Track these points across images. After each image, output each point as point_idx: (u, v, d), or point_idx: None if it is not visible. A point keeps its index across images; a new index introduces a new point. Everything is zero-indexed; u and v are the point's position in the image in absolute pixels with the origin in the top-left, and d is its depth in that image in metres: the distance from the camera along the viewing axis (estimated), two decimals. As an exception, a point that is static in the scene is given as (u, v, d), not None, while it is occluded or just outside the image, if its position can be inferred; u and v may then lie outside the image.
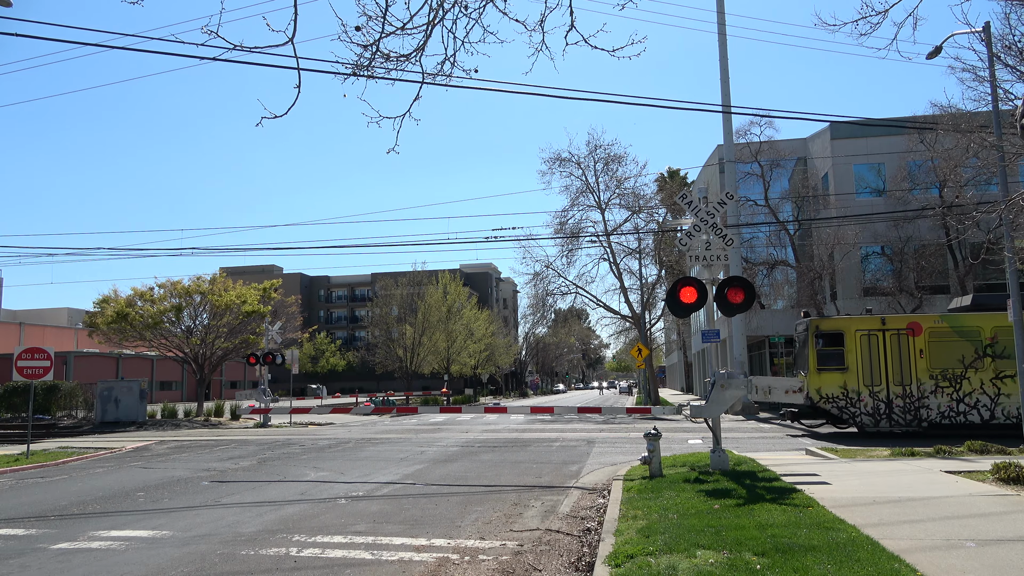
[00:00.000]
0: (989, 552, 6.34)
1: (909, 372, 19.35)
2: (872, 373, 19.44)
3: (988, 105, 16.22)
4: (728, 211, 21.61)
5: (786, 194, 37.28)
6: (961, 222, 23.54)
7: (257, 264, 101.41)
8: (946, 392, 19.15)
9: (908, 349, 19.49)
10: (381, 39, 6.13)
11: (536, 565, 7.03)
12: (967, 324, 19.47)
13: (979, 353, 19.18)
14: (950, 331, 19.48)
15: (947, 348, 19.38)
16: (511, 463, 15.18)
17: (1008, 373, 18.88)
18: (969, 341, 19.30)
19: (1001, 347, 19.09)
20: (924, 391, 19.23)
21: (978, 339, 19.28)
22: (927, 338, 19.48)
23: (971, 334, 19.33)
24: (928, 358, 19.39)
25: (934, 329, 19.56)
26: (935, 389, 19.20)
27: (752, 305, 12.33)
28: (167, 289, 36.44)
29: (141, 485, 12.97)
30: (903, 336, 19.60)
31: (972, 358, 19.20)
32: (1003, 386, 18.94)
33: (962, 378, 19.17)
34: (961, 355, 19.28)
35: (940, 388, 19.19)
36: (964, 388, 19.10)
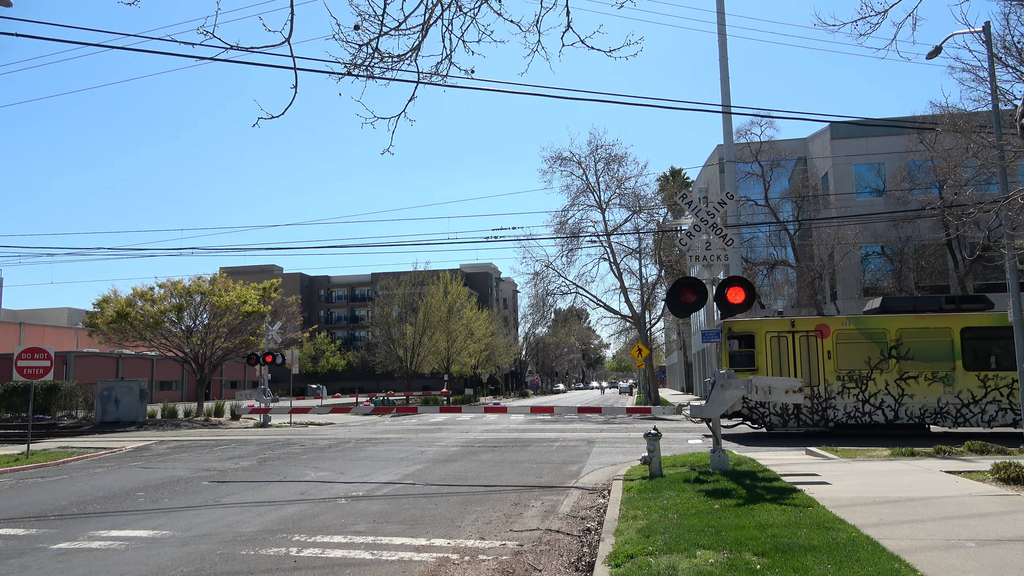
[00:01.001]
0: (989, 552, 6.33)
1: (817, 373, 19.72)
2: (781, 374, 19.82)
3: (988, 105, 16.22)
4: (728, 211, 21.58)
5: (786, 194, 37.29)
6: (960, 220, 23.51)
7: (257, 264, 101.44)
8: (852, 393, 19.51)
9: (816, 351, 19.85)
10: (376, 39, 6.13)
11: (536, 565, 7.03)
12: (873, 326, 19.83)
13: (884, 355, 19.55)
14: (857, 333, 19.82)
15: (854, 350, 19.73)
16: (511, 463, 15.19)
17: (911, 374, 19.35)
18: (875, 343, 19.65)
19: (905, 349, 19.49)
20: (831, 392, 19.57)
21: (883, 341, 19.63)
22: (835, 340, 19.84)
23: (877, 336, 19.68)
24: (835, 359, 19.74)
25: (841, 331, 19.91)
26: (842, 390, 19.54)
27: (752, 305, 12.33)
28: (167, 289, 36.44)
29: (141, 485, 12.97)
30: (812, 338, 19.95)
31: (877, 360, 19.54)
32: (906, 387, 19.35)
33: (868, 379, 19.53)
34: (867, 357, 19.63)
35: (847, 389, 19.54)
36: (869, 389, 19.45)
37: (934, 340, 19.43)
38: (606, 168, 40.05)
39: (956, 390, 19.10)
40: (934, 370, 19.27)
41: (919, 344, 19.49)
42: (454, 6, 6.17)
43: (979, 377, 19.10)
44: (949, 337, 19.36)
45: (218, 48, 5.88)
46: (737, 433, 21.34)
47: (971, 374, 19.14)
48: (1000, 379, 18.96)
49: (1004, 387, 18.90)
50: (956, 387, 19.12)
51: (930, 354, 19.41)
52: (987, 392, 18.98)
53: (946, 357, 19.32)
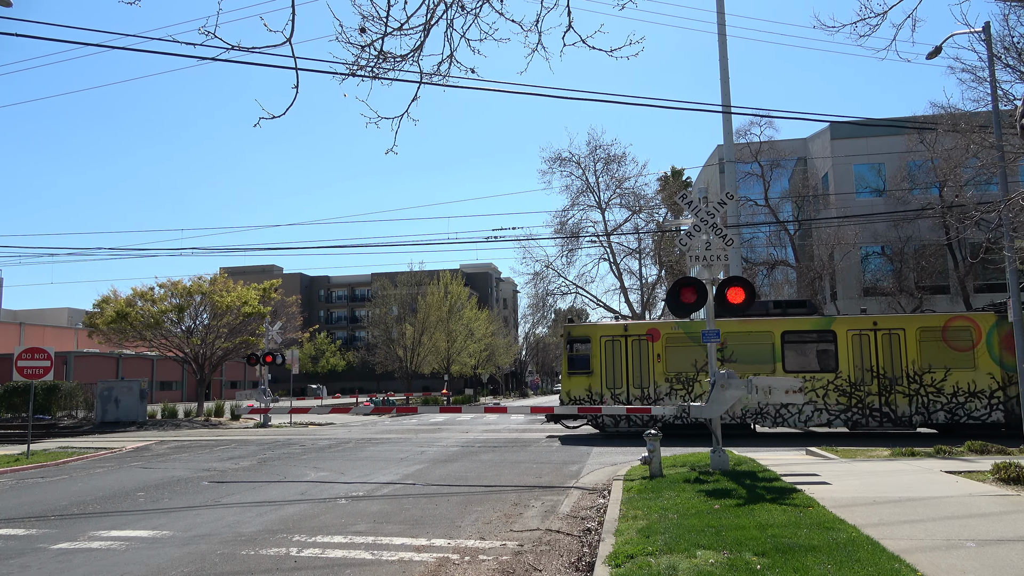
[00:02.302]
0: (989, 552, 6.34)
1: (648, 376, 20.41)
2: (615, 377, 20.51)
3: (988, 105, 16.23)
4: (728, 211, 21.64)
5: (786, 194, 37.30)
6: (961, 221, 23.55)
7: (257, 264, 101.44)
8: (679, 394, 20.21)
9: (647, 354, 20.54)
10: (378, 40, 6.13)
11: (536, 565, 7.04)
12: (700, 330, 20.12)
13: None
14: (685, 337, 20.46)
15: (682, 353, 20.41)
16: (511, 463, 15.19)
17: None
18: (701, 346, 19.94)
19: (729, 351, 20.13)
20: (660, 393, 20.26)
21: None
22: (664, 343, 20.56)
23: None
24: (664, 362, 20.44)
25: (671, 335, 20.58)
26: (670, 391, 20.24)
27: (752, 305, 12.33)
28: (167, 289, 36.45)
29: (141, 485, 12.97)
30: (643, 342, 20.63)
31: (703, 362, 20.03)
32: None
33: (694, 381, 20.19)
34: (694, 359, 20.26)
35: (674, 390, 20.24)
36: (696, 390, 20.11)
37: (757, 343, 20.16)
38: (606, 168, 40.09)
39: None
40: (756, 371, 19.74)
41: (743, 347, 20.18)
42: (456, 6, 6.17)
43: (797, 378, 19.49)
44: (770, 340, 20.08)
45: (219, 48, 5.89)
46: (587, 434, 21.78)
47: (789, 375, 19.66)
48: (816, 380, 19.68)
49: (820, 388, 19.61)
50: None
51: (753, 356, 20.09)
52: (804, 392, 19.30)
53: (767, 359, 20.03)
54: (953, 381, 19.14)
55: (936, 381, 19.23)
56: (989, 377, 19.06)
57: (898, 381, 19.37)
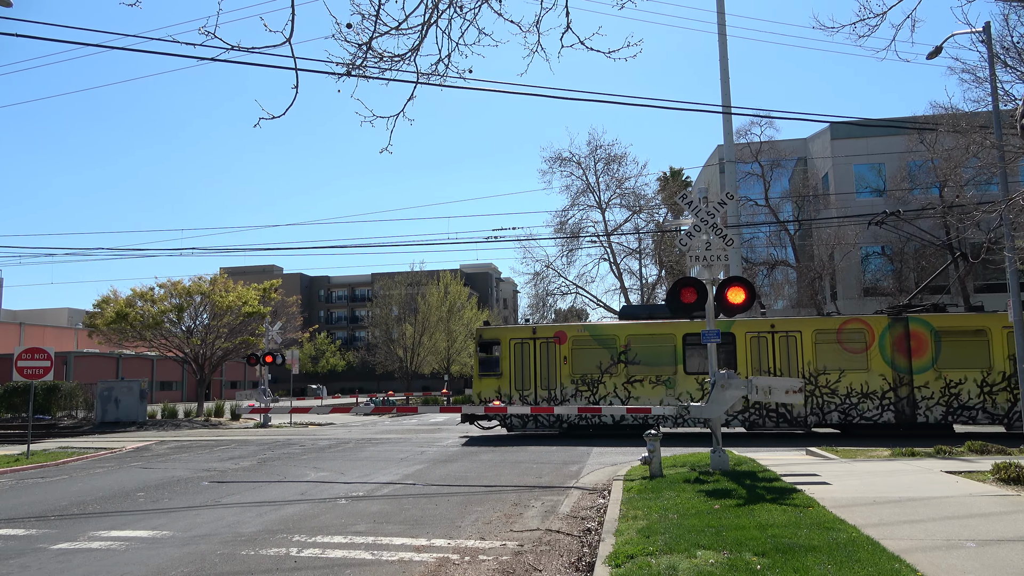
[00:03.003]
0: (989, 552, 6.33)
1: (555, 377, 20.78)
2: (523, 378, 20.90)
3: (988, 106, 16.23)
4: (728, 211, 21.66)
5: (786, 194, 37.31)
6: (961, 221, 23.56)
7: (257, 264, 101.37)
8: (585, 396, 20.52)
9: (554, 356, 20.91)
10: (375, 39, 6.13)
11: (536, 565, 7.03)
12: (605, 333, 20.92)
13: (614, 360, 20.57)
14: (591, 339, 20.87)
15: (588, 355, 20.76)
16: (511, 463, 15.19)
17: (638, 378, 20.37)
18: (607, 349, 20.69)
19: (633, 354, 20.55)
20: (566, 395, 20.61)
21: (614, 347, 20.66)
22: (571, 346, 20.90)
23: (608, 342, 20.72)
24: (571, 364, 20.80)
25: (577, 337, 20.96)
26: (575, 393, 20.56)
27: (752, 305, 12.32)
28: (167, 289, 36.45)
29: (141, 485, 12.97)
30: (551, 344, 21.05)
31: (608, 364, 20.56)
32: (633, 389, 20.35)
33: (599, 382, 20.52)
34: (599, 362, 20.64)
35: (580, 392, 20.56)
36: (600, 392, 20.45)
37: (659, 346, 20.53)
38: (606, 168, 40.09)
39: (677, 392, 20.11)
40: (658, 374, 20.32)
41: (646, 350, 20.57)
42: (454, 6, 6.17)
43: (698, 380, 20.14)
44: (673, 343, 20.43)
45: (219, 48, 5.89)
46: (498, 435, 21.97)
47: (691, 377, 20.17)
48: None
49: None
50: (677, 389, 20.15)
51: (656, 359, 20.47)
52: (704, 394, 19.89)
53: (669, 361, 20.39)
54: (847, 382, 19.54)
55: (831, 382, 19.63)
56: (881, 378, 19.46)
57: None
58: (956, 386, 19.01)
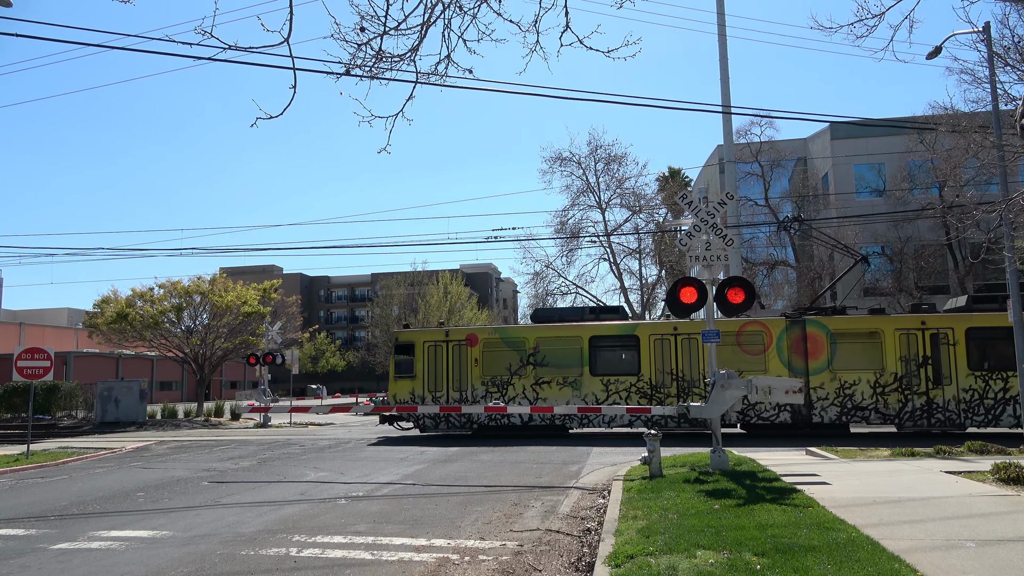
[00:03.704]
0: (989, 552, 6.33)
1: (466, 379, 21.19)
2: (436, 380, 21.35)
3: (988, 106, 16.23)
4: (728, 211, 21.66)
5: (786, 194, 37.31)
6: (961, 221, 23.57)
7: (257, 264, 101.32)
8: (494, 397, 20.86)
9: (466, 358, 21.30)
10: (375, 39, 6.14)
11: (536, 565, 7.03)
12: (515, 336, 21.38)
13: (523, 362, 21.01)
14: (501, 342, 21.32)
15: (498, 357, 21.20)
16: (511, 463, 15.19)
17: (545, 379, 20.79)
18: (516, 351, 21.10)
19: (541, 356, 20.94)
20: (476, 396, 21.00)
21: (523, 349, 21.06)
22: (482, 348, 21.30)
23: (518, 344, 21.16)
24: (482, 366, 21.21)
25: (488, 340, 21.41)
26: (486, 394, 20.94)
27: (752, 305, 12.32)
28: (167, 289, 36.45)
29: (141, 485, 12.97)
30: (462, 347, 21.46)
31: (517, 366, 20.99)
32: (540, 391, 20.76)
33: (508, 384, 20.94)
34: (509, 364, 21.07)
35: (490, 393, 20.92)
36: (509, 393, 20.86)
37: (567, 348, 20.88)
38: (606, 168, 40.11)
39: (583, 393, 20.47)
40: (565, 375, 20.69)
41: (554, 352, 20.96)
42: (454, 6, 6.18)
43: (603, 381, 20.50)
44: (579, 345, 20.78)
45: (216, 48, 5.89)
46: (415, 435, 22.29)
47: (596, 379, 20.54)
48: (620, 383, 20.39)
49: (623, 391, 20.32)
50: (583, 391, 20.51)
51: (563, 361, 20.86)
52: (609, 395, 20.32)
53: (576, 363, 20.75)
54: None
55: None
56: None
57: (695, 384, 20.13)
58: (850, 387, 19.40)
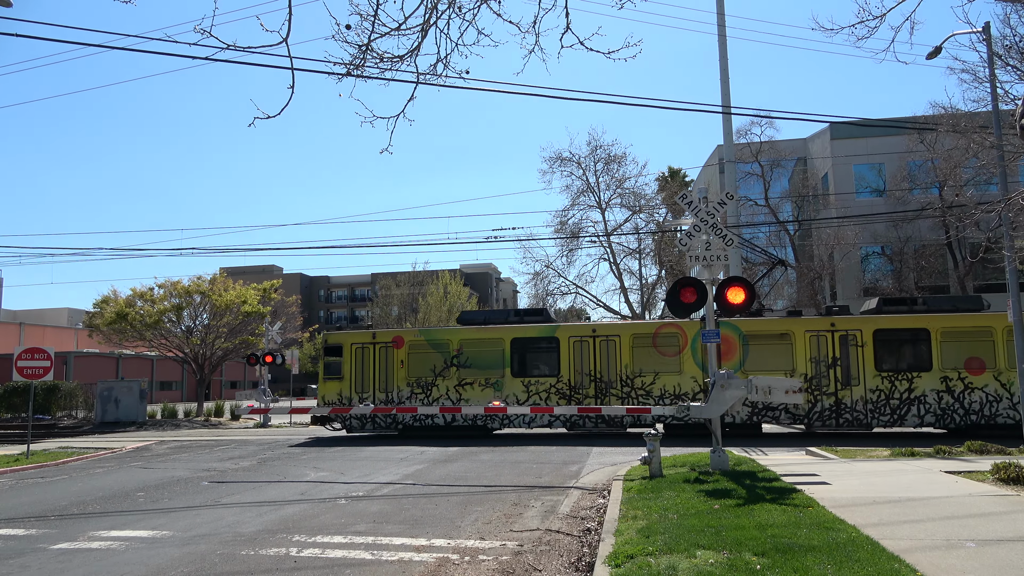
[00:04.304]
0: (989, 552, 6.34)
1: (392, 380, 21.60)
2: (363, 381, 21.70)
3: (988, 105, 16.22)
4: (728, 211, 21.68)
5: (786, 194, 37.30)
6: (961, 221, 23.61)
7: (257, 264, 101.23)
8: (419, 398, 21.34)
9: (392, 360, 21.68)
10: (375, 40, 6.14)
11: (536, 565, 7.04)
12: (439, 338, 21.71)
13: (447, 363, 21.41)
14: (426, 344, 21.69)
15: (423, 359, 21.59)
16: (511, 463, 15.19)
17: (468, 381, 21.16)
18: (440, 353, 21.49)
19: (465, 358, 21.29)
20: (402, 397, 21.41)
21: (447, 351, 21.45)
22: (408, 350, 21.70)
23: (442, 346, 21.56)
24: (407, 368, 21.60)
25: (414, 342, 21.80)
26: (411, 395, 21.40)
27: (752, 305, 12.32)
28: (167, 289, 36.45)
29: (141, 485, 12.97)
30: (389, 348, 21.69)
31: (441, 367, 21.38)
32: (464, 392, 21.15)
33: (432, 385, 21.35)
34: (433, 365, 21.47)
35: (415, 394, 21.36)
36: (433, 394, 21.27)
37: (489, 350, 21.25)
38: (606, 168, 40.08)
39: (504, 394, 20.86)
40: (487, 377, 21.07)
41: (477, 353, 21.32)
42: (453, 7, 6.18)
43: (523, 383, 20.87)
44: (501, 347, 21.18)
45: (215, 48, 5.89)
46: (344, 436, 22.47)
47: (517, 380, 20.94)
48: (540, 384, 20.86)
49: (543, 391, 20.74)
50: (504, 392, 20.89)
51: (486, 362, 21.22)
52: (529, 396, 20.68)
53: (498, 365, 21.14)
54: (661, 384, 20.24)
55: (646, 384, 20.32)
56: (692, 380, 20.15)
57: (612, 384, 20.49)
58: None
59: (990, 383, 18.72)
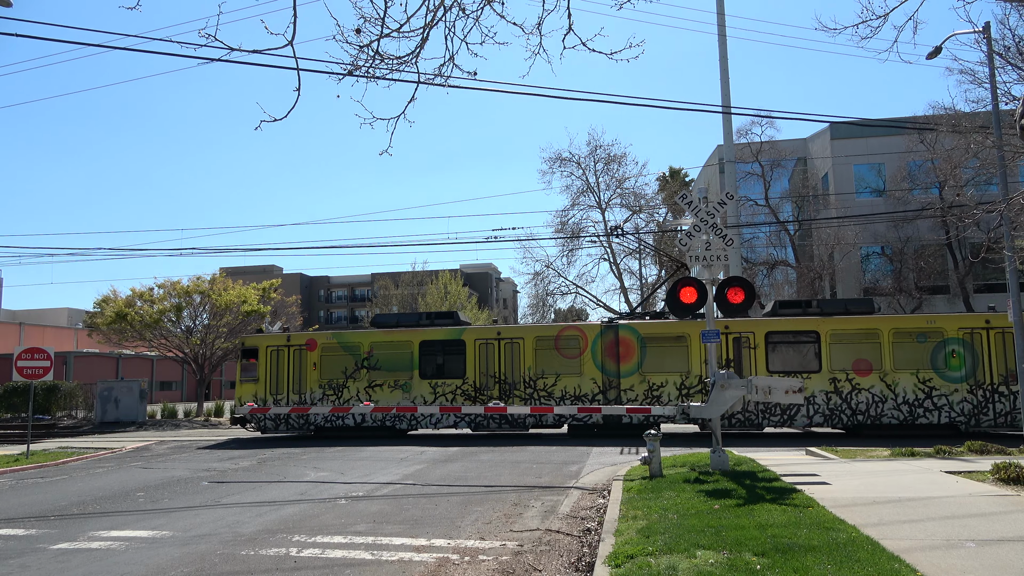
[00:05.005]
0: (989, 552, 6.34)
1: (305, 382, 22.03)
2: (278, 384, 22.13)
3: (988, 106, 16.22)
4: (728, 211, 21.67)
5: (786, 194, 37.28)
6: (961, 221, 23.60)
7: (257, 264, 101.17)
8: (331, 399, 21.72)
9: (305, 363, 22.13)
10: (376, 41, 6.13)
11: (536, 565, 7.04)
12: (351, 340, 22.13)
13: (358, 365, 21.83)
14: (338, 347, 22.11)
15: (335, 361, 22.01)
16: (511, 463, 15.19)
17: (378, 382, 21.64)
18: (352, 355, 21.91)
19: (375, 360, 21.76)
20: (314, 398, 21.86)
21: (359, 353, 21.87)
22: (320, 353, 22.14)
23: (353, 349, 22.00)
24: (320, 370, 22.02)
25: (326, 344, 22.22)
26: (323, 396, 21.80)
27: (752, 305, 12.32)
28: (167, 289, 36.44)
29: (141, 485, 12.97)
30: (303, 351, 22.22)
31: (353, 370, 21.81)
32: (374, 393, 21.58)
33: (343, 387, 21.76)
34: (344, 367, 21.88)
35: (327, 396, 21.79)
36: (344, 395, 21.71)
37: (399, 352, 21.70)
38: (606, 168, 40.06)
39: (412, 396, 21.34)
40: (396, 378, 21.54)
41: (387, 356, 21.74)
42: (456, 8, 6.17)
43: (431, 384, 21.27)
44: (410, 349, 21.64)
45: (221, 50, 5.89)
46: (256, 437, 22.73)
47: (425, 382, 21.37)
48: (447, 385, 21.27)
49: (449, 393, 21.16)
50: (413, 393, 21.38)
51: (395, 364, 21.66)
52: (436, 398, 21.08)
53: (407, 367, 21.60)
54: (563, 385, 20.64)
55: (548, 385, 20.72)
56: (592, 382, 20.50)
57: (516, 386, 20.84)
58: (658, 389, 20.08)
59: (876, 384, 19.09)
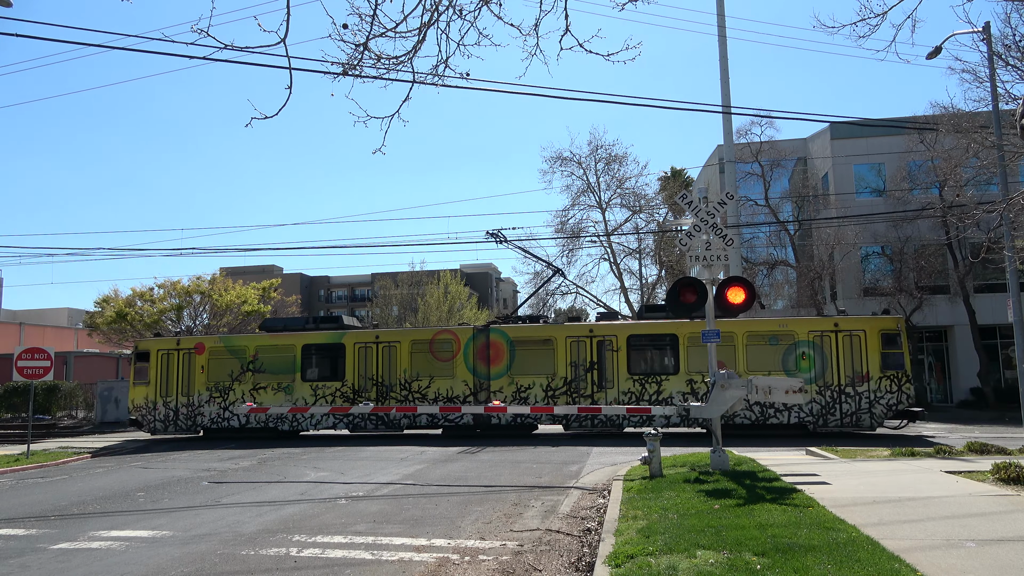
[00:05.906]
0: (989, 552, 6.33)
1: (193, 385, 22.52)
2: (168, 386, 22.61)
3: (988, 106, 16.23)
4: (728, 211, 21.67)
5: (786, 194, 37.26)
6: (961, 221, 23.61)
7: (257, 264, 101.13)
8: (217, 401, 22.29)
9: (193, 366, 22.62)
10: (372, 40, 6.13)
11: (536, 565, 7.04)
12: (237, 344, 22.73)
13: (244, 368, 22.39)
14: (225, 350, 22.65)
15: (222, 365, 22.52)
16: (511, 463, 15.19)
17: (262, 385, 22.20)
18: (238, 358, 22.44)
19: (260, 363, 22.34)
20: (202, 401, 22.38)
21: (244, 357, 22.49)
22: (208, 356, 22.65)
23: (240, 352, 22.51)
24: (207, 373, 22.52)
25: (214, 348, 22.76)
26: (209, 399, 22.33)
27: (752, 305, 12.31)
28: (167, 289, 36.47)
29: (141, 485, 12.98)
30: (192, 355, 22.72)
31: (238, 372, 22.37)
32: (257, 395, 22.11)
33: (229, 389, 22.30)
34: (231, 370, 22.40)
35: (213, 398, 22.32)
36: (230, 398, 22.28)
37: (282, 356, 22.25)
38: (606, 168, 40.07)
39: (295, 398, 21.92)
40: (280, 381, 22.10)
41: (271, 359, 22.29)
42: (453, 7, 6.17)
43: (312, 387, 21.96)
44: (293, 353, 22.19)
45: (212, 47, 5.89)
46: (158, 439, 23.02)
47: (306, 384, 21.98)
48: (327, 388, 21.87)
49: (329, 395, 21.75)
50: (295, 395, 21.93)
51: (279, 368, 22.20)
52: (317, 399, 21.80)
53: (289, 370, 22.13)
54: (436, 387, 21.30)
55: (422, 388, 21.38)
56: (464, 384, 21.13)
57: (392, 388, 21.41)
58: (526, 390, 20.69)
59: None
